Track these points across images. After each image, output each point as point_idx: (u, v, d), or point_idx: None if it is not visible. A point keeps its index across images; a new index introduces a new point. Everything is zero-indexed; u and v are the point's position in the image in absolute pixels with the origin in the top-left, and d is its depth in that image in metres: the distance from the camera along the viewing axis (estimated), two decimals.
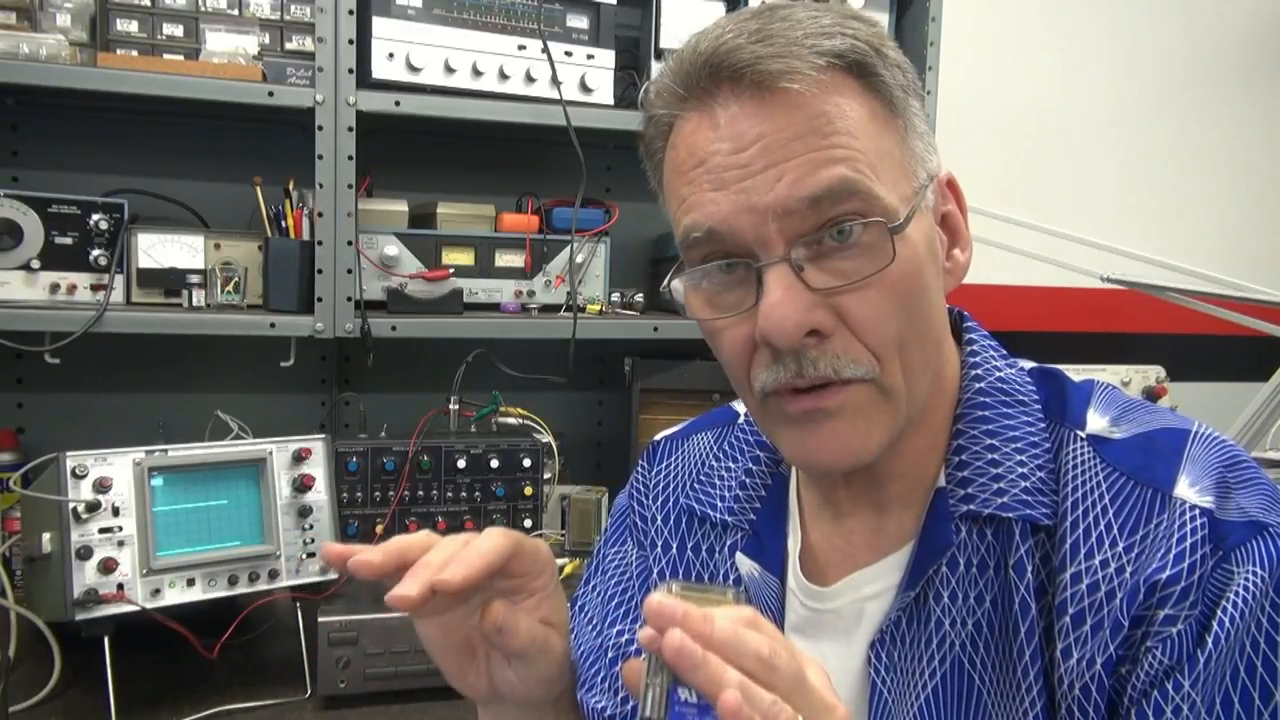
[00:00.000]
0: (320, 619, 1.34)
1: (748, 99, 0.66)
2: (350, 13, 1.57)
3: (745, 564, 0.83)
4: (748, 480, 0.86)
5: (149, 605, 1.26)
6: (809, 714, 0.54)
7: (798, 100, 0.65)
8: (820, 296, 0.66)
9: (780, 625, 0.80)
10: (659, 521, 0.91)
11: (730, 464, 0.88)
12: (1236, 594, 0.63)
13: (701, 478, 0.89)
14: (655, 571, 0.90)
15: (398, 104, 1.62)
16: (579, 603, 0.98)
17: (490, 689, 0.77)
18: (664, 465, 0.94)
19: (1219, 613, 0.63)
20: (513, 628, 0.72)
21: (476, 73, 1.66)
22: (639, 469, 0.97)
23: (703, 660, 0.52)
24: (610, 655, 0.91)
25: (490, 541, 0.69)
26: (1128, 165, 2.66)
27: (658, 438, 0.99)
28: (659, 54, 1.78)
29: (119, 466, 1.28)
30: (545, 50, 1.69)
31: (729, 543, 0.85)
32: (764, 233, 0.66)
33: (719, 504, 0.86)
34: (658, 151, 0.74)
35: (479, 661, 0.77)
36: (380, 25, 1.60)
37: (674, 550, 0.89)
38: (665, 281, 0.74)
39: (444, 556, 0.67)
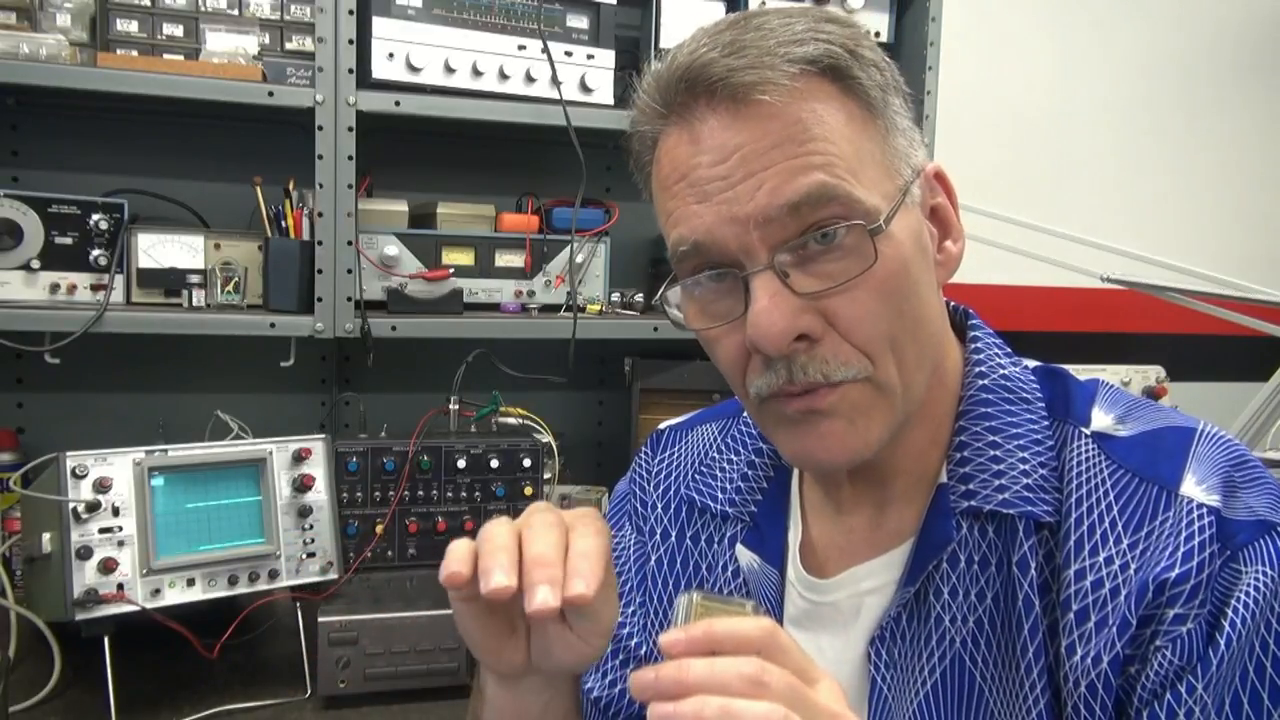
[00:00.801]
0: (320, 619, 1.34)
1: (724, 112, 0.66)
2: (350, 13, 1.57)
3: (745, 555, 0.83)
4: (750, 473, 0.86)
5: (149, 605, 1.26)
6: (809, 716, 0.54)
7: (772, 110, 0.65)
8: (807, 301, 0.66)
9: (779, 617, 0.80)
10: (659, 509, 0.92)
11: (733, 456, 0.88)
12: (1246, 593, 0.63)
13: (703, 469, 0.90)
14: (653, 559, 0.90)
15: (398, 104, 1.62)
16: None
17: (525, 662, 0.71)
18: (667, 454, 0.95)
19: (1228, 612, 0.63)
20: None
21: (476, 73, 1.66)
22: (642, 456, 0.98)
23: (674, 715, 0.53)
24: None
25: (598, 548, 0.63)
26: (1128, 165, 2.66)
27: (662, 426, 0.99)
28: (659, 54, 1.78)
29: (119, 466, 1.28)
30: (545, 50, 1.69)
31: (729, 534, 0.85)
32: (747, 242, 0.66)
33: (720, 495, 0.87)
34: (646, 165, 0.75)
35: (518, 636, 0.71)
36: (380, 25, 1.60)
37: (672, 538, 0.89)
38: (659, 294, 0.75)
39: (555, 560, 0.62)
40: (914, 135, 0.72)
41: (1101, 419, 0.74)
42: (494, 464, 1.70)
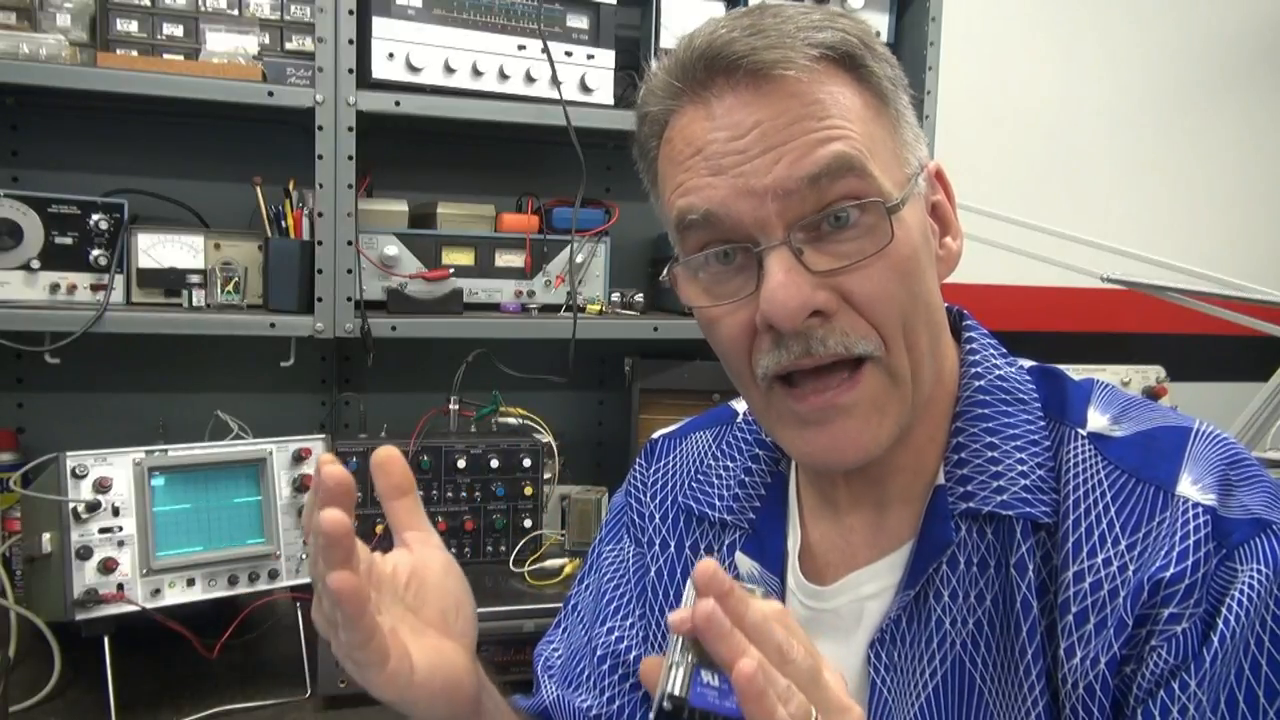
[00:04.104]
0: None
1: (744, 89, 0.67)
2: (350, 13, 1.57)
3: (745, 563, 0.83)
4: (746, 479, 0.86)
5: (149, 605, 1.26)
6: (823, 709, 0.55)
7: (793, 88, 0.66)
8: (821, 278, 0.66)
9: None
10: (657, 520, 0.91)
11: (729, 463, 0.88)
12: (1241, 592, 0.63)
13: (699, 476, 0.89)
14: (653, 570, 0.90)
15: (398, 104, 1.62)
16: (572, 602, 0.98)
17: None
18: (662, 464, 0.95)
19: (1223, 611, 0.63)
20: None
21: (476, 73, 1.66)
22: (637, 467, 0.97)
23: (730, 631, 0.54)
24: (599, 654, 0.91)
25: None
26: (1128, 164, 2.66)
27: (655, 436, 0.99)
28: (659, 54, 1.78)
29: (119, 466, 1.28)
30: (545, 50, 1.69)
31: (728, 541, 0.85)
32: (763, 215, 0.66)
33: (717, 503, 0.86)
34: (651, 150, 0.75)
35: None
36: (380, 25, 1.60)
37: (671, 548, 0.89)
38: (664, 272, 0.75)
39: None
40: (919, 132, 0.74)
41: (1097, 419, 0.74)
42: (494, 464, 1.70)
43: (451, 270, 1.73)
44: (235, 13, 1.65)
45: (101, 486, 1.26)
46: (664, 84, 0.71)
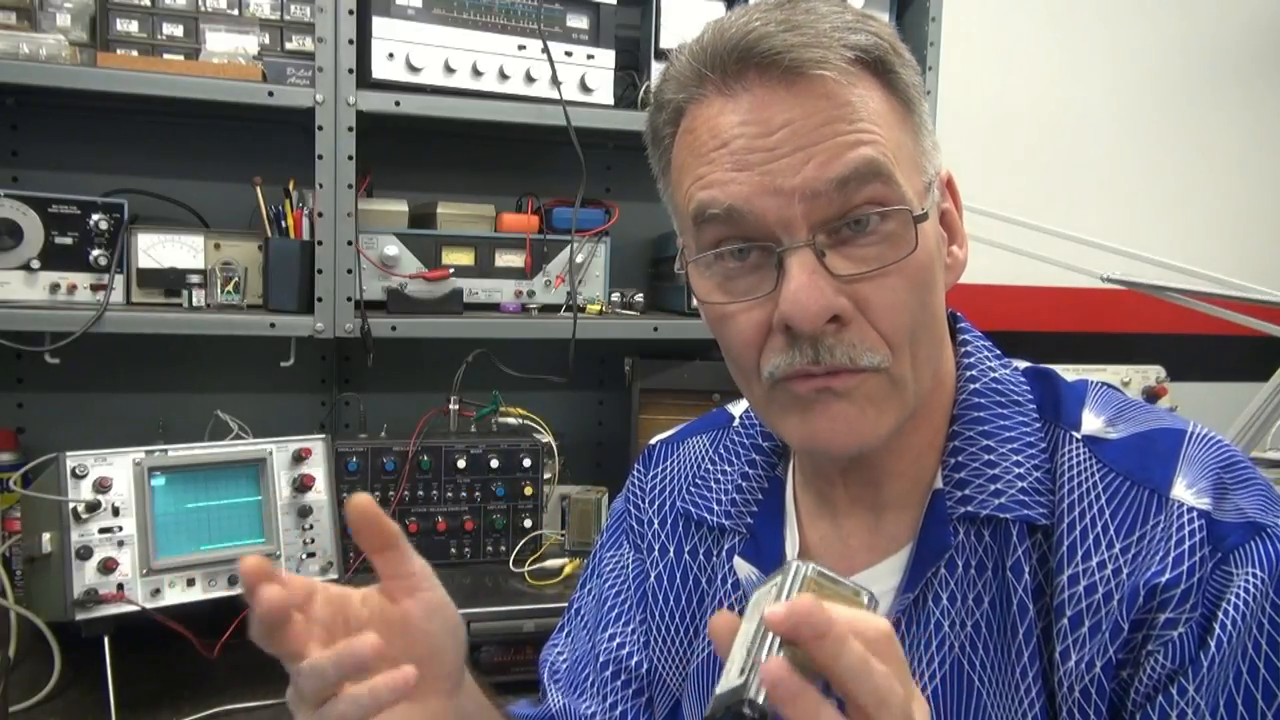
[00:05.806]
0: None
1: (777, 85, 0.66)
2: (350, 13, 1.57)
3: (743, 568, 0.83)
4: (744, 483, 0.85)
5: (149, 605, 1.26)
6: None
7: (827, 88, 0.66)
8: (841, 283, 0.66)
9: None
10: (655, 525, 0.91)
11: (726, 467, 0.87)
12: (1237, 595, 0.63)
13: (697, 481, 0.89)
14: (652, 575, 0.90)
15: (398, 104, 1.62)
16: (574, 606, 0.98)
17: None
18: (660, 469, 0.94)
19: (1220, 615, 0.63)
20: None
21: (476, 73, 1.66)
22: (635, 473, 0.97)
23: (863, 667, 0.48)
24: (601, 660, 0.90)
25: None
26: (1128, 165, 2.66)
27: (653, 441, 0.98)
28: (659, 54, 1.79)
29: (119, 466, 1.28)
30: (545, 50, 1.69)
31: (726, 546, 0.84)
32: (788, 215, 0.65)
33: (715, 507, 0.86)
34: (666, 138, 0.74)
35: None
36: (380, 25, 1.60)
37: (671, 554, 0.89)
38: (676, 264, 0.74)
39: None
40: (936, 141, 0.74)
41: (1092, 422, 0.74)
42: (494, 464, 1.70)
43: (451, 270, 1.73)
44: (235, 13, 1.65)
45: (101, 486, 1.26)
46: (691, 70, 0.69)
